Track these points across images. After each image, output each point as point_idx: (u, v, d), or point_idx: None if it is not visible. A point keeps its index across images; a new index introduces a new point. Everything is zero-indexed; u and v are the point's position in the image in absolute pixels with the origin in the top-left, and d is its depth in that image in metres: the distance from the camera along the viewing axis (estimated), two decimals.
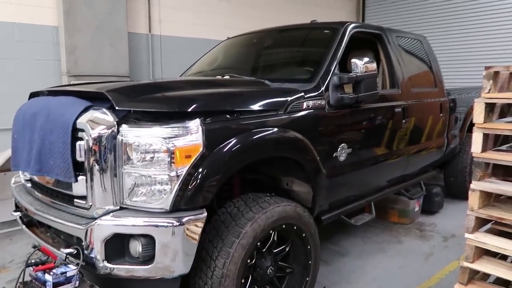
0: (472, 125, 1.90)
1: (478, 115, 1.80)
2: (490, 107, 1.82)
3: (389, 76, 3.70)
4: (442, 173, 5.18)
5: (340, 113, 2.91)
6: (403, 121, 3.61)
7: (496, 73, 1.80)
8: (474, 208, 1.84)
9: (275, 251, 2.46)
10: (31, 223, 2.63)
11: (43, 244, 2.26)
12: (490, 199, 1.92)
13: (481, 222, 1.92)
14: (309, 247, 2.57)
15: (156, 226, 1.95)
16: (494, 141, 1.90)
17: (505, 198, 2.02)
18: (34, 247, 2.16)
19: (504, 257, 2.11)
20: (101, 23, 5.08)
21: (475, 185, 1.84)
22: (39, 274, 1.91)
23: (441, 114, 4.29)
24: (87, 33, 4.97)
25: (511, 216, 1.76)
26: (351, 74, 2.83)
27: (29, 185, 2.68)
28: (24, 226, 2.61)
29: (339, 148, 2.89)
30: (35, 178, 2.57)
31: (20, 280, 1.96)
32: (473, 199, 1.83)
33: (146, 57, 5.88)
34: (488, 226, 2.02)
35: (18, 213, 2.71)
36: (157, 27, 5.95)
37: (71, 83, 4.74)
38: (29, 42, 4.78)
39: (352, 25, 3.33)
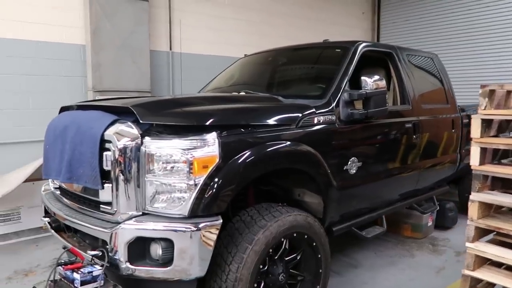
0: None
1: (475, 130, 1.91)
2: (486, 123, 1.93)
3: (400, 93, 3.82)
4: (456, 188, 5.21)
5: (350, 128, 3.03)
6: (414, 136, 3.70)
7: (492, 91, 1.92)
8: (473, 218, 1.93)
9: (286, 258, 2.57)
10: (59, 228, 2.83)
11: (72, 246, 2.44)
12: (490, 210, 2.01)
13: (481, 232, 2.00)
14: (319, 255, 2.68)
15: (175, 230, 2.10)
16: (493, 155, 2.00)
17: (507, 210, 2.11)
18: (64, 248, 2.34)
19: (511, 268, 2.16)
20: (125, 42, 5.37)
21: (474, 196, 1.94)
22: (68, 272, 2.08)
23: (453, 130, 4.36)
24: (111, 51, 5.26)
25: (509, 226, 1.86)
26: (361, 91, 2.97)
27: (58, 192, 2.88)
28: (53, 231, 2.80)
29: (349, 162, 3.00)
30: (64, 185, 2.78)
31: (51, 278, 2.13)
32: (473, 210, 1.93)
33: (166, 73, 6.14)
34: (491, 236, 2.10)
35: (47, 219, 2.90)
36: (178, 45, 6.22)
37: (96, 98, 5.00)
38: (58, 60, 5.09)
39: (363, 44, 3.48)
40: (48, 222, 2.91)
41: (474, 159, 1.92)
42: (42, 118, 4.88)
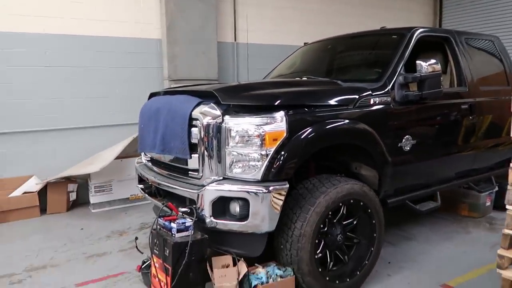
0: None
1: None
2: None
3: (456, 76, 3.95)
4: None
5: (405, 109, 3.28)
6: (470, 117, 3.84)
7: None
8: None
9: (344, 222, 2.93)
10: (151, 193, 3.41)
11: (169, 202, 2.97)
12: None
13: None
14: (374, 221, 3.00)
15: (250, 192, 2.54)
16: None
17: None
18: (163, 203, 2.88)
19: None
20: (196, 35, 5.92)
21: None
22: (167, 223, 2.61)
23: None
24: (184, 44, 5.83)
25: None
26: (415, 74, 3.21)
27: (149, 164, 3.46)
28: (146, 195, 3.40)
29: (403, 139, 3.26)
30: (155, 157, 3.34)
31: (153, 227, 2.68)
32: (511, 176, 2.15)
33: (231, 63, 6.64)
34: None
35: (141, 185, 3.51)
36: (241, 36, 6.68)
37: (171, 86, 5.61)
38: (137, 53, 5.76)
39: (419, 30, 3.66)
40: (142, 188, 3.51)
41: None
42: (125, 105, 5.61)
